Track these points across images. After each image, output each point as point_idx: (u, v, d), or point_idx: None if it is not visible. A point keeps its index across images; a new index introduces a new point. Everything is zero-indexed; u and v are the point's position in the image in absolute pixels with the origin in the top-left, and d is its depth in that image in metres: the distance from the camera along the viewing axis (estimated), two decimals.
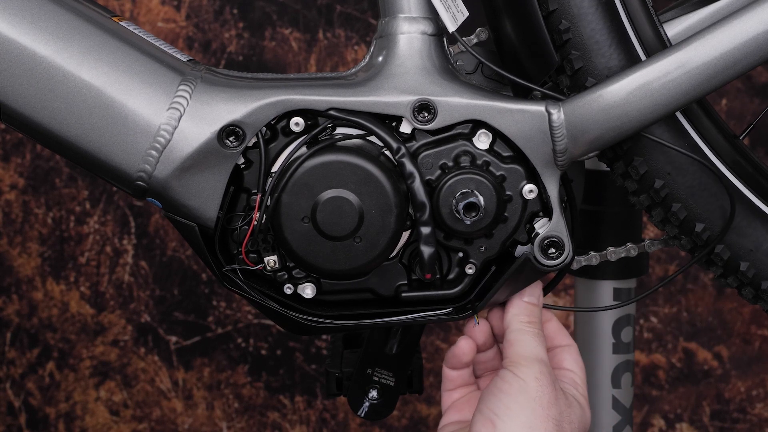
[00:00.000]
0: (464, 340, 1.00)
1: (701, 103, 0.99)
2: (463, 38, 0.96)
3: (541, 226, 0.97)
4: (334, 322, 0.98)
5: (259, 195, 0.95)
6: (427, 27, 0.96)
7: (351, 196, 0.94)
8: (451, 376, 1.02)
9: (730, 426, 1.81)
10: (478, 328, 1.00)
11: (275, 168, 0.95)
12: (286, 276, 0.98)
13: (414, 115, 0.95)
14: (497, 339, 1.02)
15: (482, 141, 0.96)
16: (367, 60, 0.98)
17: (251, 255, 0.97)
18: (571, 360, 0.99)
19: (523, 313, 0.98)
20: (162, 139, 0.94)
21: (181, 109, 0.94)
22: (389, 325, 1.00)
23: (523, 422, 0.90)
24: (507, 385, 0.93)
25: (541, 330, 0.98)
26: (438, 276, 0.98)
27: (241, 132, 0.94)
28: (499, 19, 0.97)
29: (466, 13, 0.97)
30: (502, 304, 1.00)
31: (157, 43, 0.97)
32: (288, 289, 0.98)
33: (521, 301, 0.98)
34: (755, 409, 1.81)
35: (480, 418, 0.92)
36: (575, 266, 1.02)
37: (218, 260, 0.97)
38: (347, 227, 0.94)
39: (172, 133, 0.94)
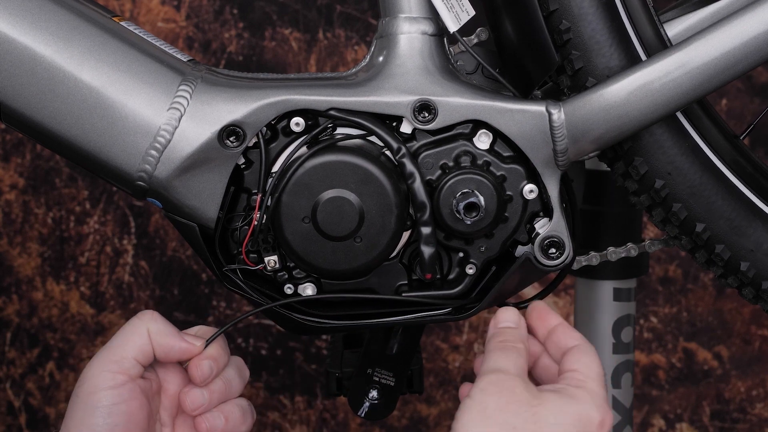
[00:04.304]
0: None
1: (701, 103, 0.99)
2: (464, 38, 0.96)
3: (542, 226, 0.97)
4: (334, 322, 0.98)
5: (260, 195, 0.95)
6: (427, 27, 0.96)
7: (351, 196, 0.94)
8: None
9: (730, 426, 1.81)
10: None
11: (276, 168, 0.95)
12: (287, 276, 0.98)
13: (414, 115, 0.95)
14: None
15: (483, 141, 0.96)
16: (367, 60, 0.98)
17: (251, 255, 0.97)
18: (573, 360, 0.93)
19: (495, 336, 0.93)
20: (162, 140, 0.94)
21: (182, 109, 0.94)
22: (389, 325, 1.00)
23: None
24: (457, 410, 0.88)
25: (518, 343, 0.92)
26: (438, 276, 0.98)
27: (241, 132, 0.94)
28: (500, 19, 0.97)
29: (472, 13, 0.97)
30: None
31: (157, 43, 0.97)
32: (288, 289, 0.98)
33: (495, 327, 0.93)
34: (755, 409, 1.81)
35: None
36: (575, 266, 1.02)
37: (218, 260, 0.97)
38: (347, 227, 0.94)
39: (173, 134, 0.94)
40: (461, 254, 0.98)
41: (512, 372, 0.89)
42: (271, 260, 0.97)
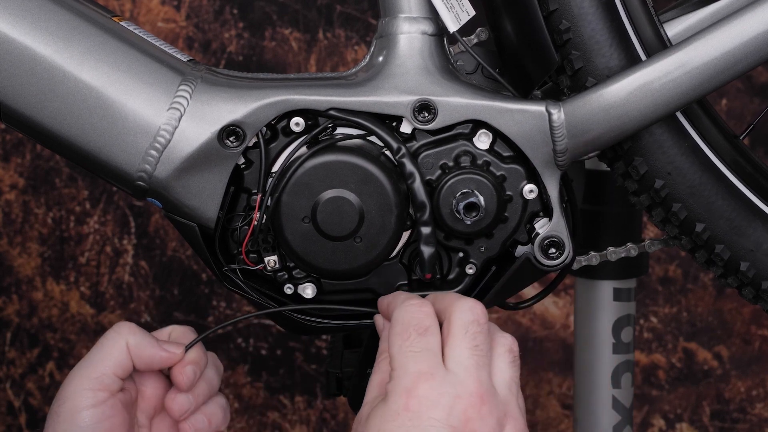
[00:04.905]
0: None
1: (701, 103, 0.99)
2: (464, 38, 0.96)
3: (542, 226, 0.97)
4: (334, 322, 0.98)
5: (260, 195, 0.95)
6: (427, 27, 0.96)
7: (351, 196, 0.94)
8: None
9: (730, 426, 1.81)
10: None
11: (275, 168, 0.95)
12: (287, 276, 0.98)
13: (414, 115, 0.95)
14: None
15: (482, 141, 0.96)
16: (367, 60, 0.98)
17: (251, 255, 0.97)
18: None
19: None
20: (162, 140, 0.94)
21: (182, 109, 0.94)
22: None
23: None
24: None
25: (383, 363, 0.90)
26: (438, 276, 0.98)
27: (241, 132, 0.94)
28: (500, 19, 0.97)
29: (473, 13, 0.97)
30: None
31: (157, 43, 0.97)
32: (288, 289, 0.98)
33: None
34: (755, 409, 1.81)
35: None
36: (575, 266, 1.02)
37: (218, 260, 0.97)
38: (347, 227, 0.94)
39: (173, 133, 0.94)
40: (461, 254, 0.98)
41: (367, 400, 0.88)
42: (271, 260, 0.97)
